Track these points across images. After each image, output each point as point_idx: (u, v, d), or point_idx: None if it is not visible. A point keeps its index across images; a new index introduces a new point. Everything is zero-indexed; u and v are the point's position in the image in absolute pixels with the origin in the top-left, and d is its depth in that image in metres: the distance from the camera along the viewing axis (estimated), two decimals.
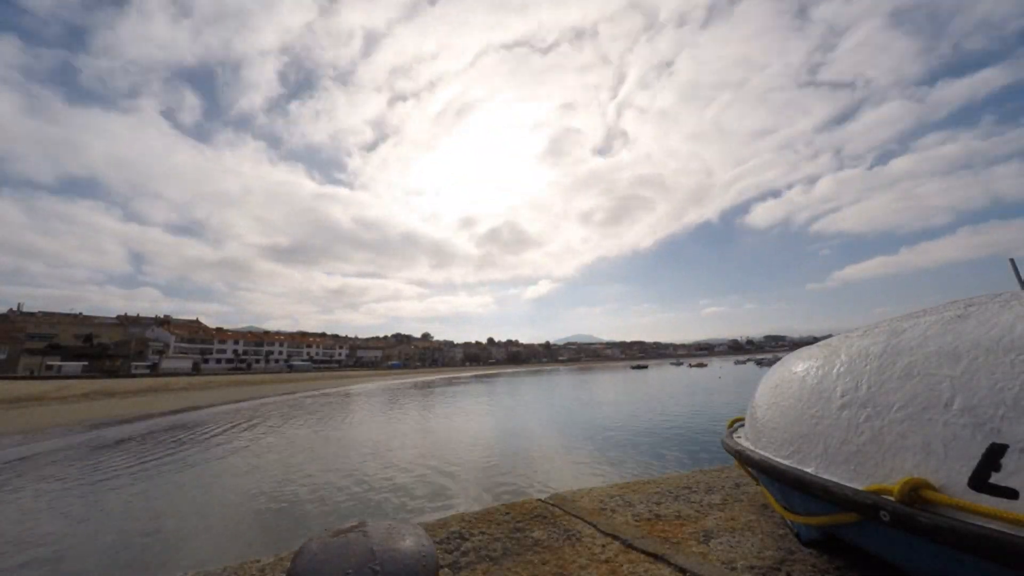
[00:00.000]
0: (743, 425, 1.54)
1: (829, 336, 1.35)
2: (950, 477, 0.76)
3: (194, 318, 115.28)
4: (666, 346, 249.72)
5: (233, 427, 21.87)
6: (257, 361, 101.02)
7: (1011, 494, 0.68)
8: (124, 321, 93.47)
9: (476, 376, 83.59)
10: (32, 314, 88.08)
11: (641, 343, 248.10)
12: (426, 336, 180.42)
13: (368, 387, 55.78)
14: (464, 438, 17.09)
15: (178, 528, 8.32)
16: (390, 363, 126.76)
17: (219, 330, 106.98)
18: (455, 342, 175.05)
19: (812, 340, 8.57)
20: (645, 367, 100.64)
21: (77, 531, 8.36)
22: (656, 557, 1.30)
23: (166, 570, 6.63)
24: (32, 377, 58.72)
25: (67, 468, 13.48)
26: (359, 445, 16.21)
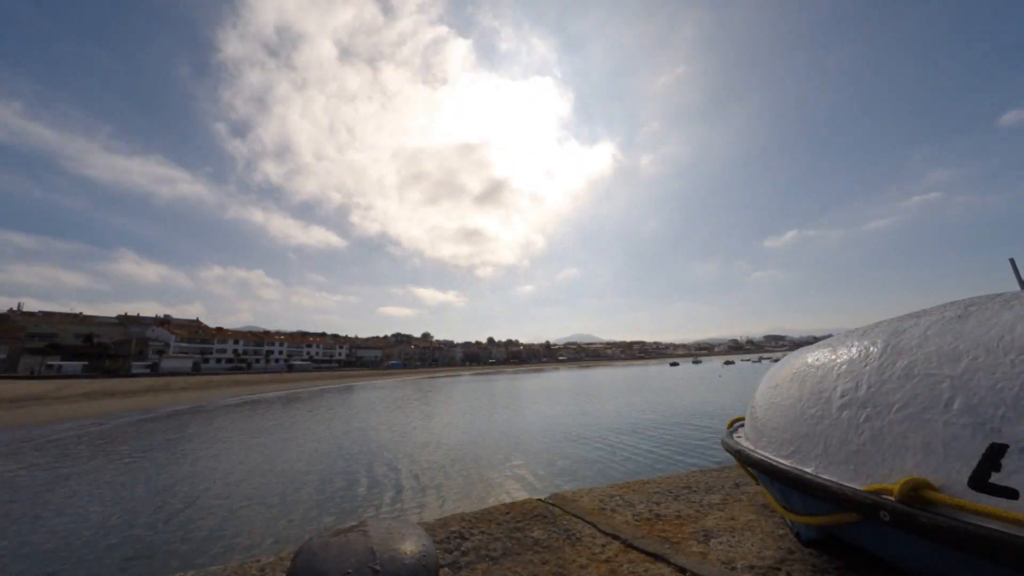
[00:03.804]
0: (743, 425, 1.54)
1: (829, 336, 1.34)
2: (950, 477, 0.76)
3: (194, 318, 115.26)
4: (666, 346, 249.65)
5: None
6: (257, 361, 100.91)
7: (1011, 494, 0.68)
8: (124, 321, 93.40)
9: (475, 375, 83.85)
10: (32, 314, 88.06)
11: (642, 343, 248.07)
12: (426, 336, 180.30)
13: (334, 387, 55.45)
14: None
15: None
16: (390, 363, 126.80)
17: (219, 330, 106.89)
18: (455, 341, 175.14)
19: (812, 340, 8.56)
20: (676, 364, 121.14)
21: None
22: (656, 557, 1.30)
23: None
24: (32, 377, 58.66)
25: None
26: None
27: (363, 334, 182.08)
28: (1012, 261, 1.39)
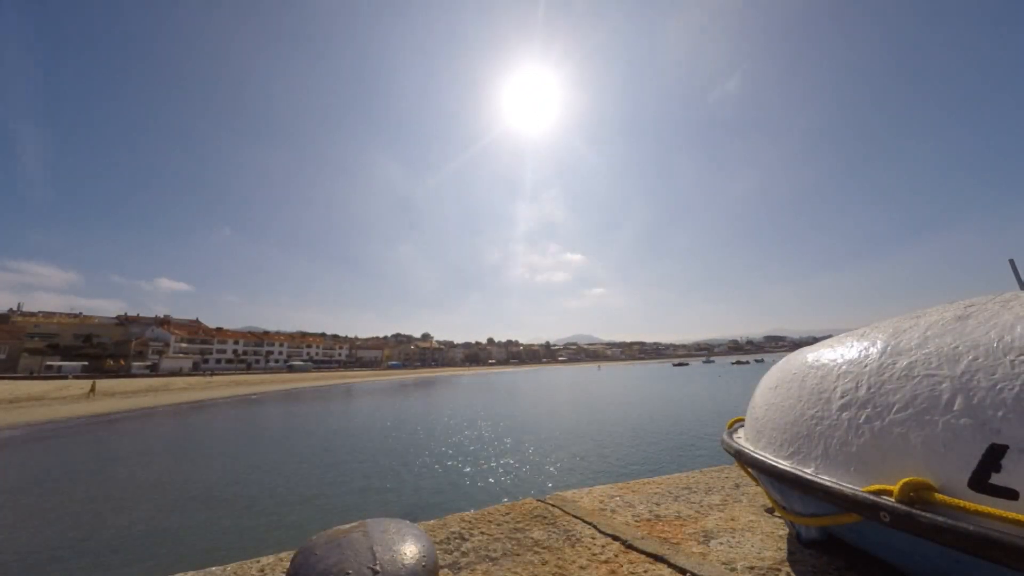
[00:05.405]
0: (743, 425, 1.54)
1: (829, 336, 1.34)
2: (950, 477, 0.76)
3: (194, 318, 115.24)
4: (666, 346, 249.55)
5: None
6: (257, 361, 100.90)
7: (1011, 494, 0.68)
8: (124, 321, 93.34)
9: (475, 374, 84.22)
10: (32, 314, 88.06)
11: (641, 343, 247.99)
12: (426, 336, 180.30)
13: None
14: None
15: None
16: (390, 363, 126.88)
17: (219, 330, 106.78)
18: (455, 342, 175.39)
19: (812, 340, 8.55)
20: (686, 364, 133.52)
21: None
22: (656, 558, 1.30)
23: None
24: (32, 377, 58.63)
25: None
26: None
27: (363, 334, 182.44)
28: (1012, 262, 1.39)
